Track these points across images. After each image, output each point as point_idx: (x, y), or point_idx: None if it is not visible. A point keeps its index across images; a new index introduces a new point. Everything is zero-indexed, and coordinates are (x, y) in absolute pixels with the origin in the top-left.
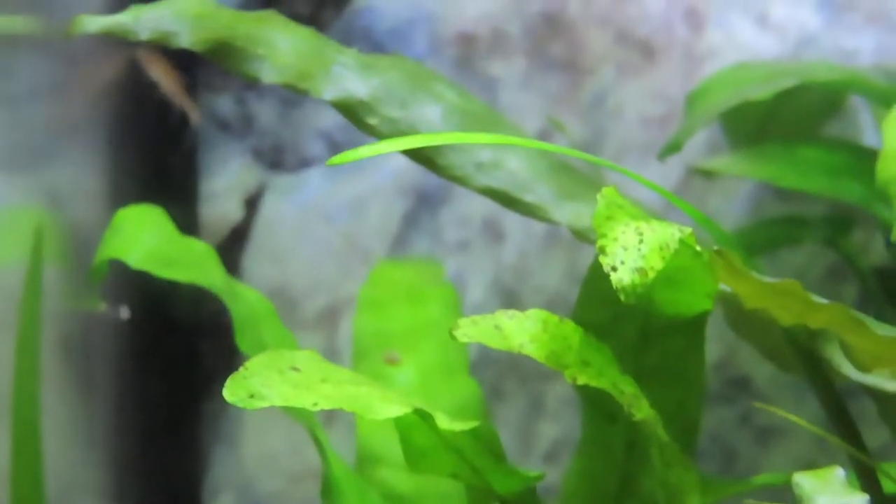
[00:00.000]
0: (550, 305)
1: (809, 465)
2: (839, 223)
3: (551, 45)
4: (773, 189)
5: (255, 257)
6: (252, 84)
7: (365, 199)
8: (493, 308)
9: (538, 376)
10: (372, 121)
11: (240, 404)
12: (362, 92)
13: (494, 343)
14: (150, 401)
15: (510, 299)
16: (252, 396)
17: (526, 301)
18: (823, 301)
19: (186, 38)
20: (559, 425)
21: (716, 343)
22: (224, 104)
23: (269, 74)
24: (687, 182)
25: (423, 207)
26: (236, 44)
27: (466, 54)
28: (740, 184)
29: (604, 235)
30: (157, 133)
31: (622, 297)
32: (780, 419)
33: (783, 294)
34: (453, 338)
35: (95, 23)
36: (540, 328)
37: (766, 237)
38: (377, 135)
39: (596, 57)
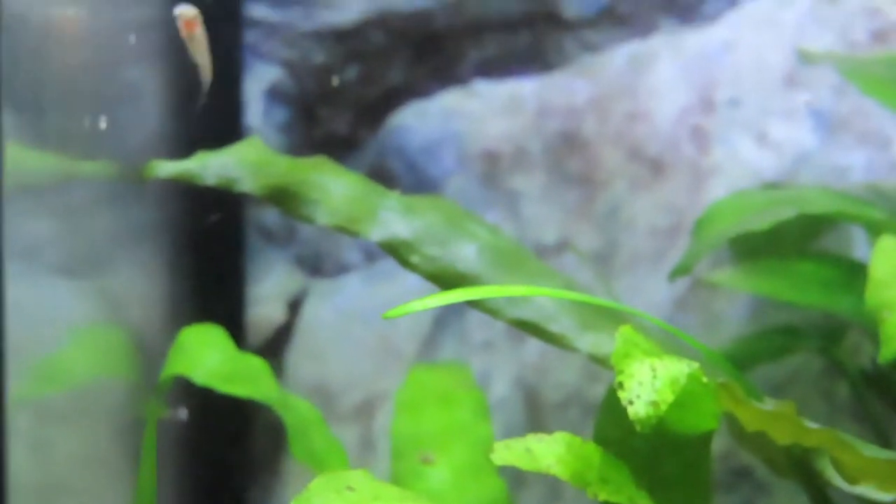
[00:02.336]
0: (568, 400)
1: None
2: (831, 333)
3: (568, 161)
4: None
5: (297, 356)
6: None
7: (397, 302)
8: (517, 402)
9: None
10: (414, 259)
11: None
12: (405, 233)
13: (526, 465)
14: (207, 487)
15: (532, 395)
16: None
17: (546, 396)
18: (815, 426)
19: (248, 185)
20: None
21: (721, 436)
22: (269, 216)
23: (322, 217)
24: (694, 289)
25: (450, 311)
26: (292, 189)
27: (491, 170)
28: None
29: (621, 372)
30: (209, 242)
31: (638, 427)
32: None
33: (779, 419)
34: (483, 464)
35: (167, 168)
36: (565, 450)
37: (764, 348)
38: (419, 272)
39: (609, 172)
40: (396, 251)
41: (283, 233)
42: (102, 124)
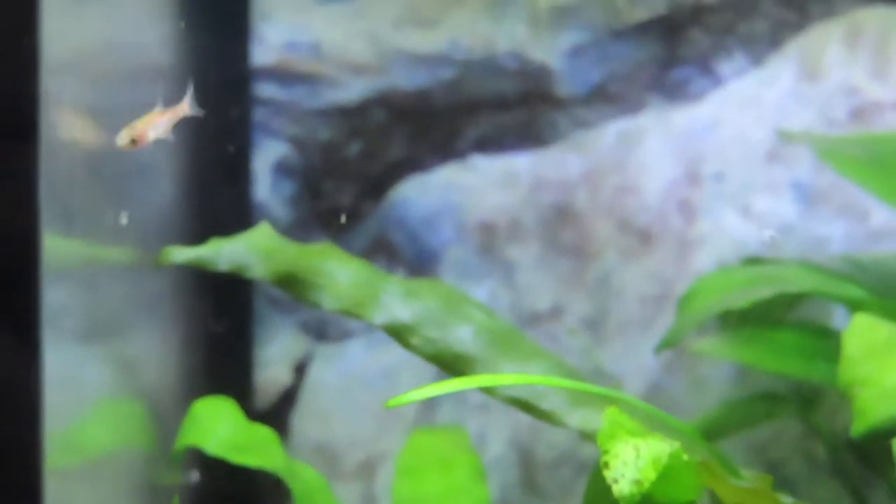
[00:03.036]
0: (561, 460)
1: None
2: (809, 398)
3: (561, 232)
4: None
5: (302, 416)
6: None
7: (398, 367)
8: (512, 461)
9: None
10: (414, 341)
11: None
12: (406, 317)
13: None
14: None
15: (526, 454)
16: None
17: (539, 456)
18: (790, 500)
19: (258, 271)
20: None
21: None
22: None
23: (328, 303)
24: (681, 354)
25: (448, 375)
26: (300, 276)
27: (487, 240)
28: None
29: (607, 452)
30: (218, 307)
31: None
32: None
33: (755, 495)
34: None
35: (182, 254)
36: None
37: (747, 414)
38: (419, 353)
39: (600, 243)
40: (398, 334)
41: (289, 300)
42: (124, 219)
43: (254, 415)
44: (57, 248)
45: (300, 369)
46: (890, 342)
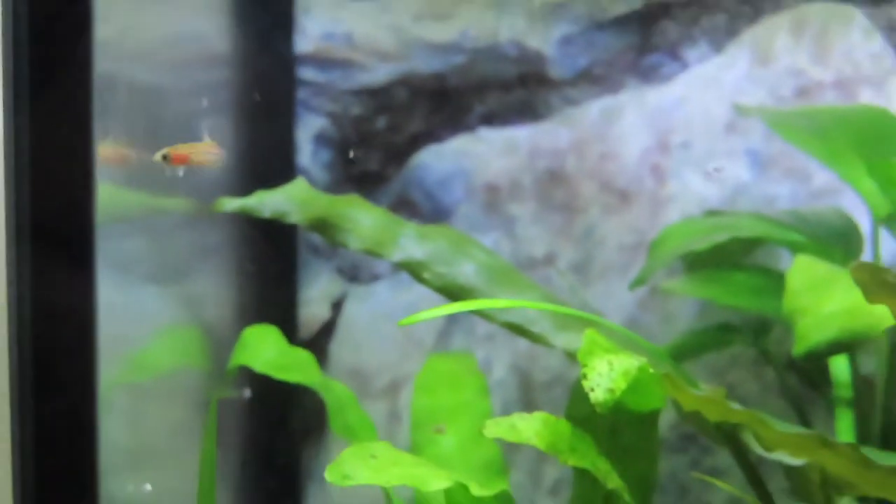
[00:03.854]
0: (554, 381)
1: (740, 501)
2: (760, 328)
3: (553, 192)
4: None
5: (338, 346)
6: None
7: (418, 303)
8: (513, 383)
9: None
10: (426, 275)
11: (337, 483)
12: (419, 255)
13: (510, 438)
14: (265, 452)
15: (524, 377)
16: (345, 477)
17: (536, 378)
18: (738, 407)
19: (296, 217)
20: (559, 468)
21: (670, 410)
22: (316, 236)
23: (354, 243)
24: (653, 294)
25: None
26: (331, 221)
27: (492, 199)
28: None
29: (585, 365)
30: (269, 255)
31: (598, 409)
32: (721, 464)
33: (710, 402)
34: (483, 434)
35: (232, 204)
36: (542, 426)
37: (708, 341)
38: (429, 285)
39: (586, 201)
40: (412, 269)
41: (327, 248)
42: (180, 172)
43: (298, 344)
44: (114, 197)
45: (337, 306)
46: (827, 278)
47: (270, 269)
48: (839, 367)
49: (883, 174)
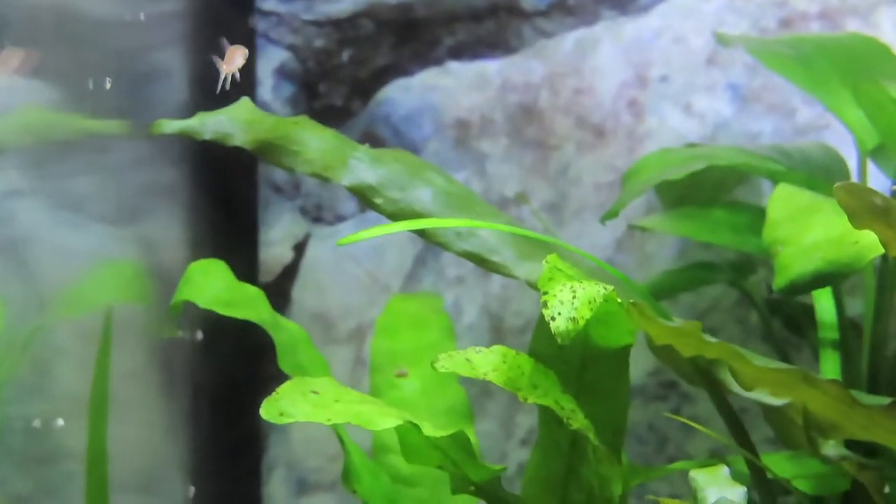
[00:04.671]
0: (527, 325)
1: (721, 450)
2: (742, 268)
3: (526, 128)
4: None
5: (301, 289)
6: None
7: (385, 245)
8: (483, 327)
9: None
10: (378, 200)
11: (272, 420)
12: (371, 179)
13: (465, 372)
14: (220, 399)
15: (496, 321)
16: (281, 414)
17: (508, 321)
18: (713, 340)
19: (239, 138)
20: (533, 417)
21: (651, 356)
22: (278, 174)
23: (301, 166)
24: (630, 232)
25: (429, 251)
26: (276, 143)
27: (462, 135)
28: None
29: (546, 293)
30: (228, 194)
31: (559, 340)
32: (702, 412)
33: (683, 335)
34: (447, 375)
35: (171, 126)
36: (500, 360)
37: (687, 280)
38: (382, 212)
39: (560, 137)
40: (363, 194)
41: (289, 187)
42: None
43: (259, 287)
44: (44, 119)
45: (299, 248)
46: (809, 206)
47: (229, 209)
48: (824, 307)
49: (871, 99)
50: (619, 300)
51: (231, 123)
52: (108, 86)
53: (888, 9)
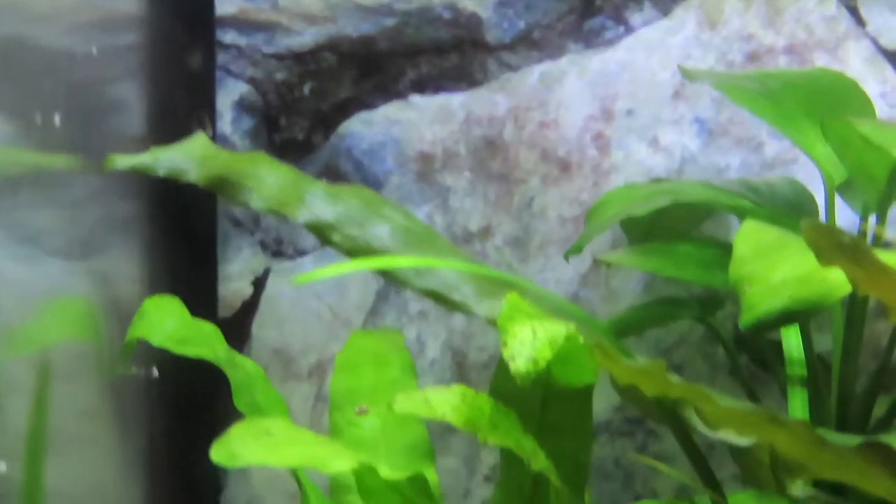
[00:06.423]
0: (490, 361)
1: (688, 489)
2: (709, 304)
3: (490, 162)
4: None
5: (261, 324)
6: None
7: (346, 281)
8: (447, 363)
9: None
10: (335, 238)
11: (222, 463)
12: (328, 216)
13: (423, 413)
14: (176, 437)
15: (459, 357)
16: (232, 457)
17: (472, 357)
18: (678, 380)
19: (193, 175)
20: (497, 454)
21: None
22: (237, 207)
23: (256, 202)
24: (595, 268)
25: (391, 287)
26: (231, 179)
27: (425, 169)
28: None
29: (505, 332)
30: (186, 228)
31: (518, 381)
32: (668, 449)
33: (646, 374)
34: (392, 409)
35: (124, 161)
36: (459, 400)
37: (652, 315)
38: (339, 249)
39: (525, 171)
40: (320, 231)
41: (249, 221)
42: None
43: (218, 323)
44: None
45: (259, 283)
46: (777, 243)
47: (187, 244)
48: (792, 343)
49: (838, 135)
50: (582, 340)
51: (185, 160)
52: (57, 121)
53: (855, 43)
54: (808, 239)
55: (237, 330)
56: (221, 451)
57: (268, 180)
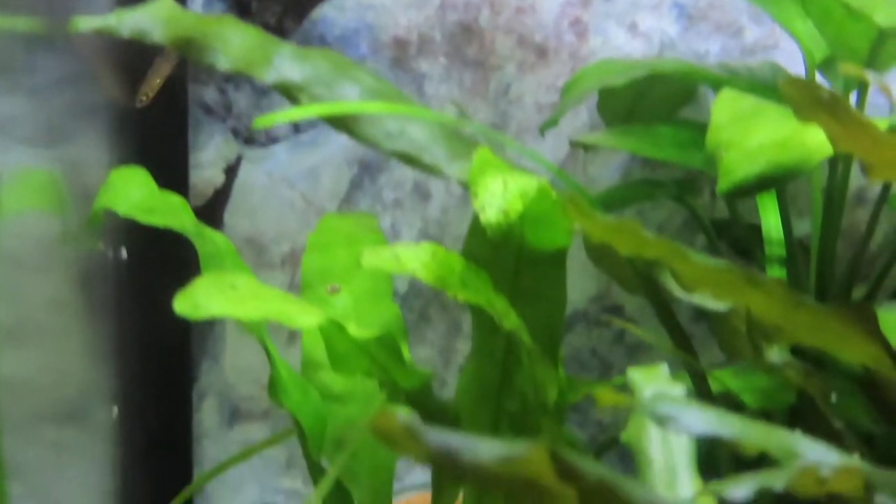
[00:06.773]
0: None
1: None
2: (688, 185)
3: (466, 48)
4: (639, 159)
5: (233, 213)
6: (231, 77)
7: (320, 167)
8: None
9: (457, 305)
10: (303, 98)
11: (186, 313)
12: (296, 76)
13: (391, 268)
14: (147, 322)
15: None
16: (196, 307)
17: (447, 247)
18: (653, 236)
19: (158, 35)
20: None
21: (594, 280)
22: (209, 93)
23: (222, 63)
24: (572, 154)
25: (365, 174)
26: (197, 40)
27: (399, 55)
28: (613, 155)
29: (476, 184)
30: (156, 115)
31: (489, 232)
32: (646, 338)
33: (621, 230)
34: (360, 265)
35: (88, 22)
36: (430, 257)
37: (630, 194)
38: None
39: (501, 57)
40: (288, 92)
41: (221, 108)
42: None
43: None
44: None
45: (231, 170)
46: (754, 110)
47: (158, 131)
48: (771, 224)
49: (819, 7)
50: (554, 195)
51: (150, 21)
52: None
53: None
54: (787, 95)
55: (209, 218)
56: (185, 302)
57: (234, 41)
